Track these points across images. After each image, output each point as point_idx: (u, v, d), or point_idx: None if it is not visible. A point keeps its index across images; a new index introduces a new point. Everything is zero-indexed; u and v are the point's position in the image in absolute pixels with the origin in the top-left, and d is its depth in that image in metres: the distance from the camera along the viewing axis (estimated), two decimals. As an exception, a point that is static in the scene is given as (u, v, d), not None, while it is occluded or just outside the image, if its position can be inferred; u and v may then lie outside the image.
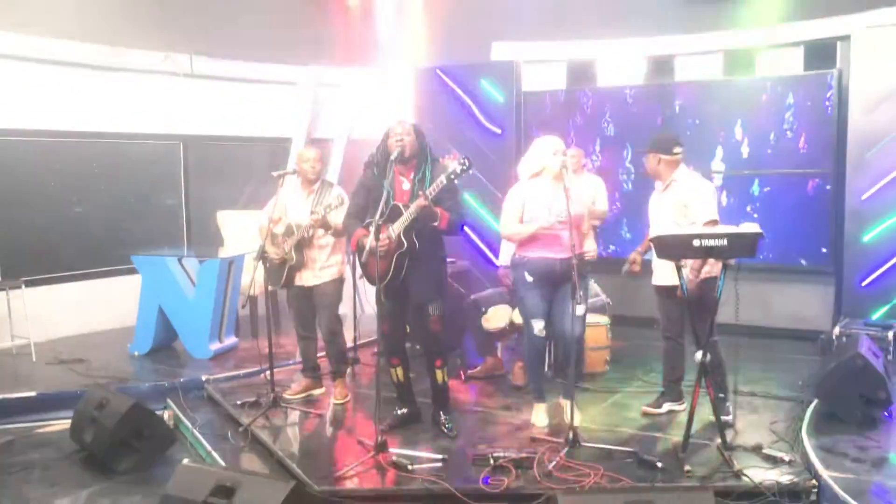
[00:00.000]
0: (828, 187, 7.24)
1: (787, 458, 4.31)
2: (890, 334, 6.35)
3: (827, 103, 7.19)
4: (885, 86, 6.75)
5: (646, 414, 5.11)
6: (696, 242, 4.28)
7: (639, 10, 8.07)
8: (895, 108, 6.72)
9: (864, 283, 6.95)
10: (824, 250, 7.33)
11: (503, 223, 5.05)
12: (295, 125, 9.38)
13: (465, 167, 4.55)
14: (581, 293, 4.67)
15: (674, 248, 4.41)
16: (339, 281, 5.69)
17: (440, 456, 4.51)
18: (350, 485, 4.21)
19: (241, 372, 6.44)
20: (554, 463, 4.30)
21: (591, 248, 5.03)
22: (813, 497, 3.98)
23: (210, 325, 6.90)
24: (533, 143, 5.14)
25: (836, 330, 6.49)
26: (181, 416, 5.61)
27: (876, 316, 6.84)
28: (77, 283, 7.93)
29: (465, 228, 5.36)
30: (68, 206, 7.96)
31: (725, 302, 4.58)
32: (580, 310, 4.80)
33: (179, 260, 7.11)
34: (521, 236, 4.92)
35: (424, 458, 4.50)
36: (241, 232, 7.93)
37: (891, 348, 6.29)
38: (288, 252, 5.51)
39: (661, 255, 4.50)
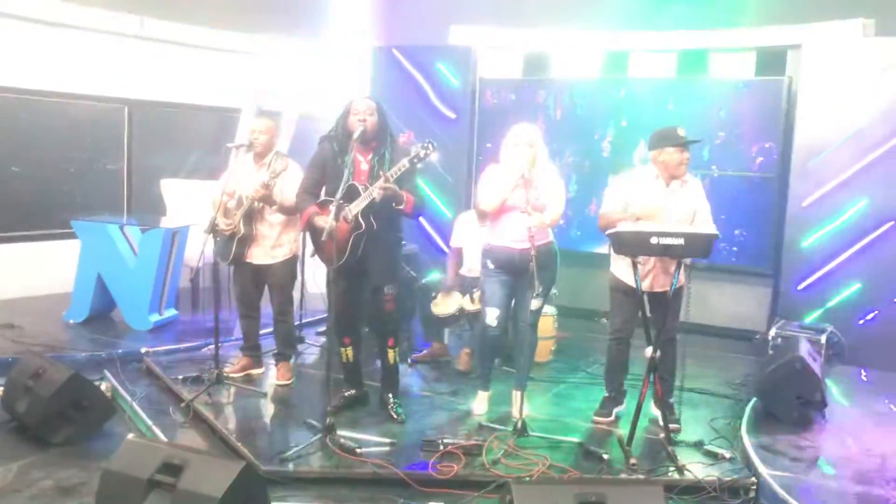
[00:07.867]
0: (772, 189, 7.37)
1: (728, 455, 4.41)
2: (823, 338, 6.55)
3: (776, 109, 7.34)
4: (832, 96, 6.92)
5: (597, 423, 4.96)
6: (653, 240, 4.33)
7: (597, 3, 8.09)
8: (840, 119, 6.90)
9: (800, 287, 7.13)
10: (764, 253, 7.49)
11: (480, 194, 4.88)
12: (245, 95, 9.18)
13: (427, 151, 4.46)
14: (542, 287, 4.60)
15: (632, 244, 4.45)
16: (293, 260, 5.59)
17: (388, 440, 4.49)
18: (297, 466, 4.16)
19: (182, 346, 6.31)
20: (502, 451, 4.33)
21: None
22: (752, 494, 4.09)
23: (151, 295, 6.73)
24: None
25: (772, 331, 6.66)
26: (119, 388, 5.46)
27: (810, 319, 7.03)
28: (13, 245, 7.67)
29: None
30: (5, 166, 7.65)
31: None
32: (535, 304, 4.76)
33: (121, 227, 6.91)
34: (492, 205, 4.75)
35: (372, 441, 4.47)
36: (185, 201, 7.75)
37: (822, 351, 6.48)
38: (236, 224, 5.36)
39: (618, 251, 4.54)
